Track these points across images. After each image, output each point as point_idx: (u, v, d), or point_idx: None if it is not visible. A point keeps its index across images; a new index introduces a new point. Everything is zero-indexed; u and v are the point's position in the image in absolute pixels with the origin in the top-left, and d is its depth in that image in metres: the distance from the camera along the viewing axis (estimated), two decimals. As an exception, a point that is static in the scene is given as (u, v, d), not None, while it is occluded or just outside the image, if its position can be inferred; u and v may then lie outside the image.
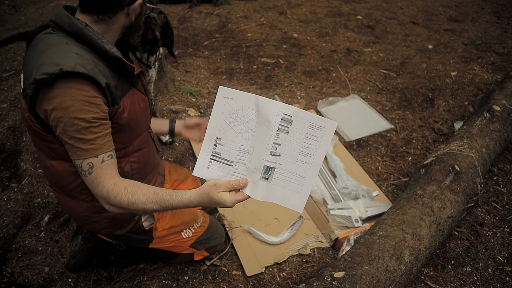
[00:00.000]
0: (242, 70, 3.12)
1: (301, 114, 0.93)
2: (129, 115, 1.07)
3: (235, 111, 0.95)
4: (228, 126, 0.96)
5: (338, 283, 1.22)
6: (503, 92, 2.23)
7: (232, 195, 0.93)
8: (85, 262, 1.54)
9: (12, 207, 1.83)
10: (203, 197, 0.93)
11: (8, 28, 3.76)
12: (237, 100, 0.95)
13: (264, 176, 0.96)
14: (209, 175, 0.98)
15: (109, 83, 0.96)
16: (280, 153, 0.95)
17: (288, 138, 0.94)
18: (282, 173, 0.96)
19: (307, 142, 0.94)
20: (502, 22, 4.11)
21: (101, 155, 0.96)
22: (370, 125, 2.48)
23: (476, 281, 1.57)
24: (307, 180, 0.96)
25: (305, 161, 0.95)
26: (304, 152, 0.94)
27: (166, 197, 0.95)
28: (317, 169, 0.95)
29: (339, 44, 3.57)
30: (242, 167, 0.97)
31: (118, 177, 0.99)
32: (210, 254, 1.57)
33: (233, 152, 0.97)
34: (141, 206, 0.95)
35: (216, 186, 0.92)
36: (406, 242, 1.39)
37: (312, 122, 0.93)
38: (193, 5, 4.32)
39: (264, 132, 0.94)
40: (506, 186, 2.03)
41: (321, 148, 0.94)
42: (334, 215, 1.73)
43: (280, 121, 0.93)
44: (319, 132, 0.93)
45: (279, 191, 0.96)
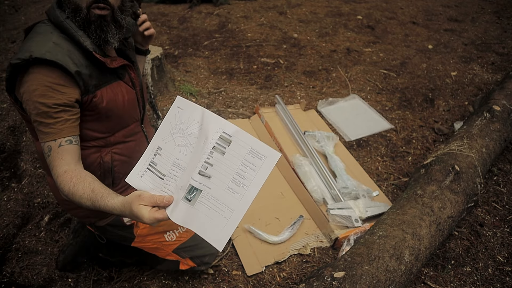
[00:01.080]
0: (242, 70, 3.12)
1: (242, 136, 0.83)
2: (108, 105, 1.10)
3: (181, 122, 0.89)
4: (171, 137, 0.90)
5: (338, 283, 1.22)
6: (503, 92, 2.23)
7: (152, 211, 0.84)
8: (74, 259, 1.53)
9: (12, 207, 1.83)
10: (126, 207, 0.86)
11: (8, 28, 3.76)
12: (186, 111, 0.89)
13: (186, 197, 0.84)
14: (139, 185, 0.91)
15: (80, 71, 1.00)
16: (211, 175, 0.84)
17: (223, 160, 0.84)
18: (208, 199, 0.84)
19: (243, 169, 0.83)
20: (502, 22, 4.11)
21: (59, 139, 0.99)
22: (370, 125, 2.48)
23: (476, 281, 1.57)
24: (234, 214, 0.83)
25: (236, 191, 0.83)
26: (237, 181, 0.83)
27: (98, 196, 0.92)
28: (247, 203, 0.82)
29: (339, 44, 3.57)
30: (173, 183, 0.88)
31: (74, 165, 1.00)
32: (197, 265, 1.44)
33: (168, 165, 0.89)
34: (78, 199, 0.94)
35: (139, 198, 0.84)
36: (406, 242, 1.39)
37: (252, 148, 0.82)
38: (193, 5, 4.32)
39: (200, 149, 0.86)
40: (506, 186, 2.03)
41: (257, 180, 0.82)
42: (334, 215, 1.73)
43: (218, 139, 0.84)
44: (259, 161, 0.82)
45: (201, 219, 0.84)
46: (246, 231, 1.75)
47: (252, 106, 2.64)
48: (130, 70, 1.19)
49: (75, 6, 1.02)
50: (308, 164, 2.06)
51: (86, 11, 1.01)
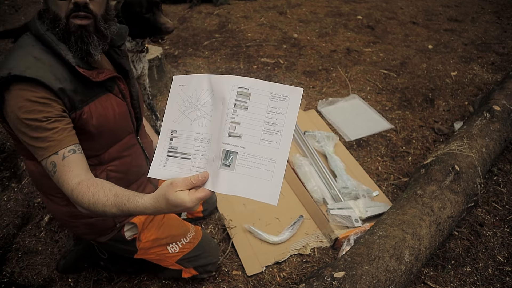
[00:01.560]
0: (242, 70, 3.12)
1: (259, 85, 0.80)
2: (98, 122, 1.03)
3: (189, 97, 0.84)
4: (182, 115, 0.85)
5: (338, 283, 1.22)
6: (503, 92, 2.23)
7: (192, 192, 0.78)
8: (74, 264, 1.53)
9: (12, 207, 1.83)
10: (160, 201, 0.80)
11: (8, 28, 3.75)
12: (190, 85, 0.85)
13: (224, 163, 0.80)
14: (166, 174, 0.85)
15: (64, 87, 0.94)
16: (241, 134, 0.80)
17: (248, 115, 0.80)
18: (247, 158, 0.80)
19: (271, 117, 0.80)
20: (502, 22, 4.11)
21: (61, 150, 0.93)
22: (370, 125, 2.48)
23: (476, 281, 1.57)
24: (278, 163, 0.80)
25: (272, 140, 0.80)
26: (269, 130, 0.80)
27: (124, 200, 0.86)
28: (287, 148, 0.80)
29: (339, 44, 3.57)
30: (201, 159, 0.83)
31: (84, 175, 0.94)
32: (200, 273, 1.46)
33: (190, 143, 0.84)
34: (101, 208, 0.88)
35: (172, 185, 0.78)
36: (406, 242, 1.39)
37: (273, 93, 0.80)
38: (193, 5, 4.32)
39: (220, 113, 0.81)
40: (506, 186, 2.03)
41: (289, 122, 0.79)
42: (334, 215, 1.73)
43: (236, 96, 0.80)
44: (283, 103, 0.79)
45: (246, 181, 0.80)
46: (246, 231, 1.75)
47: (252, 106, 2.63)
48: (120, 81, 1.12)
49: (53, 16, 0.94)
50: (308, 164, 2.06)
51: (65, 21, 0.94)
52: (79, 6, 0.92)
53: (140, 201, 0.84)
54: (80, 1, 0.91)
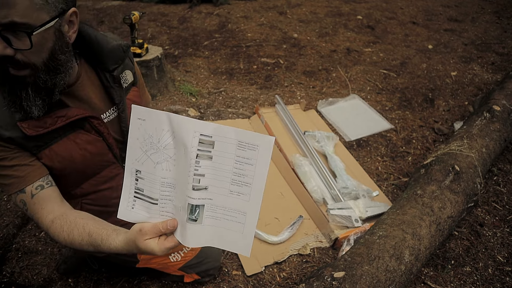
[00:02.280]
0: (242, 70, 3.12)
1: (223, 132, 0.71)
2: (61, 164, 0.92)
3: (150, 136, 0.75)
4: (145, 155, 0.77)
5: (338, 283, 1.22)
6: (503, 92, 2.23)
7: (161, 242, 0.74)
8: (75, 269, 1.54)
9: (12, 207, 1.83)
10: (131, 245, 0.76)
11: None
12: (150, 122, 0.75)
13: (191, 217, 0.74)
14: (134, 217, 0.80)
15: (11, 136, 0.81)
16: (207, 185, 0.74)
17: (213, 165, 0.73)
18: (215, 210, 0.75)
19: (240, 167, 0.72)
20: (502, 22, 4.11)
21: (27, 187, 0.86)
22: (370, 125, 2.48)
23: (476, 281, 1.57)
24: (249, 215, 0.74)
25: (241, 192, 0.74)
26: (238, 181, 0.73)
27: (98, 241, 0.82)
28: (258, 201, 0.74)
29: (339, 44, 3.57)
30: (169, 204, 0.77)
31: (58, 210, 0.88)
32: (202, 277, 1.45)
33: (156, 187, 0.77)
34: (79, 246, 0.84)
35: (141, 233, 0.74)
36: (406, 242, 1.39)
37: (240, 141, 0.71)
38: (193, 5, 4.32)
39: (183, 161, 0.73)
40: (506, 186, 2.02)
41: (259, 174, 0.72)
42: (334, 215, 1.73)
43: (198, 145, 0.71)
44: (253, 152, 0.71)
45: (215, 232, 0.76)
46: (246, 231, 1.75)
47: (252, 106, 2.64)
48: (93, 119, 0.95)
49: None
50: (308, 164, 2.06)
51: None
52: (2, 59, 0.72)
53: (113, 244, 0.80)
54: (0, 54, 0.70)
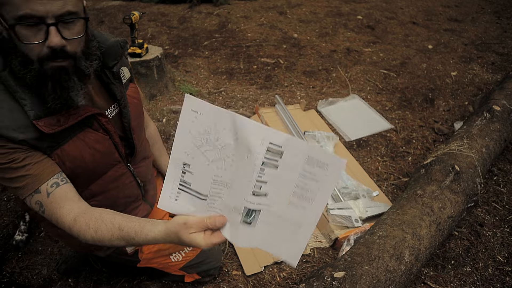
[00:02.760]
0: (242, 70, 3.12)
1: (295, 144, 0.68)
2: (73, 165, 0.91)
3: (206, 132, 0.72)
4: (198, 151, 0.74)
5: (338, 283, 1.21)
6: (503, 92, 2.23)
7: (207, 236, 0.73)
8: (76, 269, 1.54)
9: (12, 207, 1.83)
10: (171, 237, 0.75)
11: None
12: (208, 117, 0.71)
13: (245, 221, 0.72)
14: (177, 209, 0.78)
15: (25, 138, 0.81)
16: (267, 192, 0.71)
17: (278, 174, 0.70)
18: (270, 216, 0.72)
19: (304, 181, 0.70)
20: (502, 22, 4.11)
21: (42, 186, 0.84)
22: (370, 125, 2.48)
23: (476, 281, 1.57)
24: (304, 229, 0.72)
25: (300, 205, 0.71)
26: (299, 194, 0.71)
27: (132, 234, 0.80)
28: (316, 218, 0.71)
29: (339, 44, 3.57)
30: (218, 201, 0.75)
31: (77, 208, 0.86)
32: (202, 277, 1.46)
33: (206, 184, 0.75)
34: (108, 242, 0.82)
35: (186, 226, 0.72)
36: (406, 242, 1.39)
37: (311, 156, 0.68)
38: (193, 5, 4.32)
39: (245, 164, 0.70)
40: (506, 186, 2.02)
41: (323, 192, 0.69)
42: (334, 215, 1.73)
43: (266, 153, 0.68)
44: (320, 170, 0.68)
45: (267, 237, 0.74)
46: (246, 231, 1.75)
47: (252, 106, 2.64)
48: (100, 117, 0.95)
49: (23, 59, 0.76)
50: (308, 164, 2.06)
51: (39, 65, 0.77)
52: (56, 50, 0.75)
53: (150, 235, 0.78)
54: (56, 45, 0.74)
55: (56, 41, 0.74)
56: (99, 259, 1.47)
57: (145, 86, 2.58)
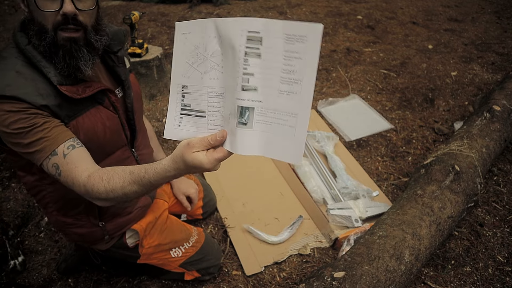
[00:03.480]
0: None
1: (271, 26, 0.68)
2: (86, 137, 0.98)
3: (195, 47, 0.75)
4: (191, 68, 0.76)
5: (338, 283, 1.21)
6: (503, 92, 2.23)
7: (210, 153, 0.72)
8: (76, 267, 1.54)
9: (12, 207, 1.83)
10: (178, 162, 0.75)
11: (8, 28, 3.76)
12: (195, 33, 0.74)
13: (240, 121, 0.71)
14: (182, 134, 0.79)
15: (47, 104, 0.88)
16: (256, 86, 0.70)
17: (262, 63, 0.69)
18: (265, 114, 0.71)
19: (289, 63, 0.69)
20: (502, 22, 4.11)
21: (59, 147, 0.88)
22: (370, 125, 2.48)
23: (476, 281, 1.57)
24: (300, 117, 0.70)
25: (291, 91, 0.69)
26: (287, 79, 0.69)
27: (142, 173, 0.81)
28: (309, 99, 0.69)
29: (339, 44, 3.57)
30: (217, 115, 0.75)
31: (92, 168, 0.90)
32: (202, 275, 1.47)
33: (203, 99, 0.76)
34: (120, 190, 0.84)
35: (189, 146, 0.72)
36: (406, 242, 1.39)
37: (288, 34, 0.67)
38: (193, 5, 4.32)
39: (231, 63, 0.71)
40: (506, 186, 2.02)
41: (309, 67, 0.68)
42: (334, 215, 1.73)
43: (246, 43, 0.69)
44: (301, 45, 0.67)
45: (266, 139, 0.72)
46: (246, 231, 1.75)
47: (252, 106, 2.64)
48: (111, 94, 1.05)
49: (39, 28, 0.87)
50: (308, 164, 2.06)
51: (53, 34, 0.86)
52: (68, 18, 0.85)
53: (159, 166, 0.78)
54: (69, 12, 0.84)
55: (69, 8, 0.83)
56: (99, 255, 1.47)
57: (145, 86, 2.58)
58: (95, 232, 1.20)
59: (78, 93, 0.93)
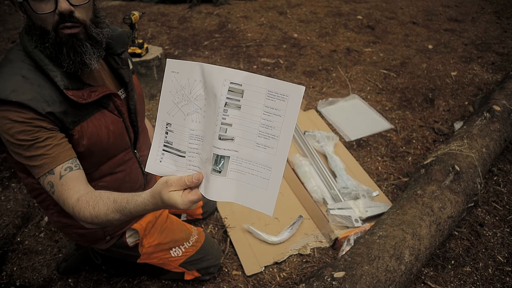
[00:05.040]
0: (242, 70, 3.12)
1: (254, 81, 0.70)
2: (90, 142, 0.99)
3: (182, 88, 0.76)
4: (176, 107, 0.78)
5: (338, 283, 1.21)
6: (503, 92, 2.23)
7: (185, 194, 0.75)
8: (76, 267, 1.54)
9: (12, 207, 1.83)
10: (156, 198, 0.78)
11: (8, 28, 3.76)
12: (182, 73, 0.76)
13: (215, 168, 0.73)
14: (162, 171, 0.81)
15: (53, 111, 0.89)
16: (233, 136, 0.72)
17: (241, 115, 0.71)
18: (240, 163, 0.73)
19: (268, 118, 0.71)
20: (502, 22, 4.11)
21: (57, 168, 0.90)
22: (370, 125, 2.48)
23: (476, 281, 1.57)
24: (274, 171, 0.72)
25: (267, 146, 0.72)
26: (265, 133, 0.72)
27: (124, 203, 0.84)
28: (284, 155, 0.72)
29: (339, 44, 3.57)
30: (196, 157, 0.77)
31: (83, 190, 0.91)
32: (202, 275, 1.47)
33: (184, 140, 0.78)
34: (104, 217, 0.86)
35: (167, 184, 0.75)
36: (406, 242, 1.39)
37: (270, 90, 0.70)
38: (193, 5, 4.32)
39: (212, 110, 0.73)
40: (506, 186, 2.02)
41: (287, 126, 0.70)
42: (334, 215, 1.73)
43: (227, 93, 0.71)
44: (282, 103, 0.69)
45: (238, 187, 0.75)
46: (246, 231, 1.75)
47: (252, 106, 2.64)
48: (116, 98, 1.05)
49: (41, 31, 0.88)
50: (308, 164, 2.06)
51: (54, 34, 0.87)
52: (65, 16, 0.86)
53: (139, 199, 0.81)
54: (65, 10, 0.84)
55: (64, 6, 0.84)
56: (99, 255, 1.47)
57: (145, 86, 2.58)
58: (96, 231, 1.21)
59: (84, 98, 0.94)
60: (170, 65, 0.77)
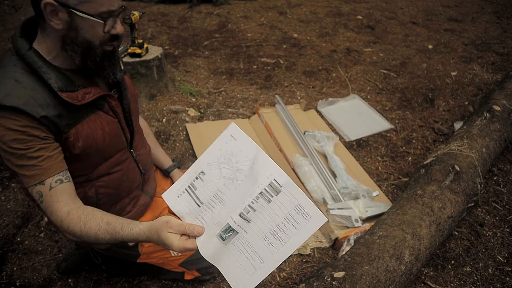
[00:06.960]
0: (242, 70, 3.12)
1: (292, 189, 0.77)
2: (85, 144, 0.98)
3: (231, 153, 0.84)
4: (217, 165, 0.85)
5: (338, 283, 1.21)
6: (503, 92, 2.23)
7: (182, 240, 0.80)
8: (76, 267, 1.54)
9: (12, 207, 1.83)
10: (153, 233, 0.82)
11: (8, 28, 3.76)
12: (239, 143, 0.83)
13: (221, 235, 0.80)
14: (175, 206, 0.87)
15: (47, 114, 0.88)
16: (251, 219, 0.79)
17: (267, 208, 0.79)
18: (242, 243, 0.80)
19: (285, 223, 0.78)
20: (502, 22, 4.11)
21: (48, 180, 0.90)
22: (370, 125, 2.48)
23: (476, 281, 1.57)
24: (264, 266, 0.78)
25: (272, 244, 0.78)
26: (276, 233, 0.78)
27: (117, 228, 0.86)
28: (281, 259, 0.77)
29: (339, 44, 3.57)
30: (209, 214, 0.83)
31: (74, 204, 0.92)
32: (202, 275, 1.46)
33: (208, 194, 0.84)
34: (94, 236, 0.88)
35: (167, 225, 0.80)
36: (406, 242, 1.39)
37: (300, 205, 0.77)
38: (193, 5, 4.32)
39: (246, 189, 0.80)
40: (506, 186, 2.02)
41: (296, 239, 0.77)
42: (334, 215, 1.73)
43: (267, 186, 0.78)
44: (303, 219, 0.76)
45: (229, 261, 0.80)
46: (246, 231, 1.75)
47: (252, 106, 2.64)
48: (110, 99, 1.05)
49: (87, 45, 0.90)
50: (308, 164, 2.06)
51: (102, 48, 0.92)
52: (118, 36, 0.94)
53: (135, 230, 0.85)
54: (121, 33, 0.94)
55: (120, 29, 0.93)
56: (99, 254, 1.47)
57: (145, 86, 2.58)
58: None
59: (78, 100, 0.94)
60: (232, 129, 0.84)
